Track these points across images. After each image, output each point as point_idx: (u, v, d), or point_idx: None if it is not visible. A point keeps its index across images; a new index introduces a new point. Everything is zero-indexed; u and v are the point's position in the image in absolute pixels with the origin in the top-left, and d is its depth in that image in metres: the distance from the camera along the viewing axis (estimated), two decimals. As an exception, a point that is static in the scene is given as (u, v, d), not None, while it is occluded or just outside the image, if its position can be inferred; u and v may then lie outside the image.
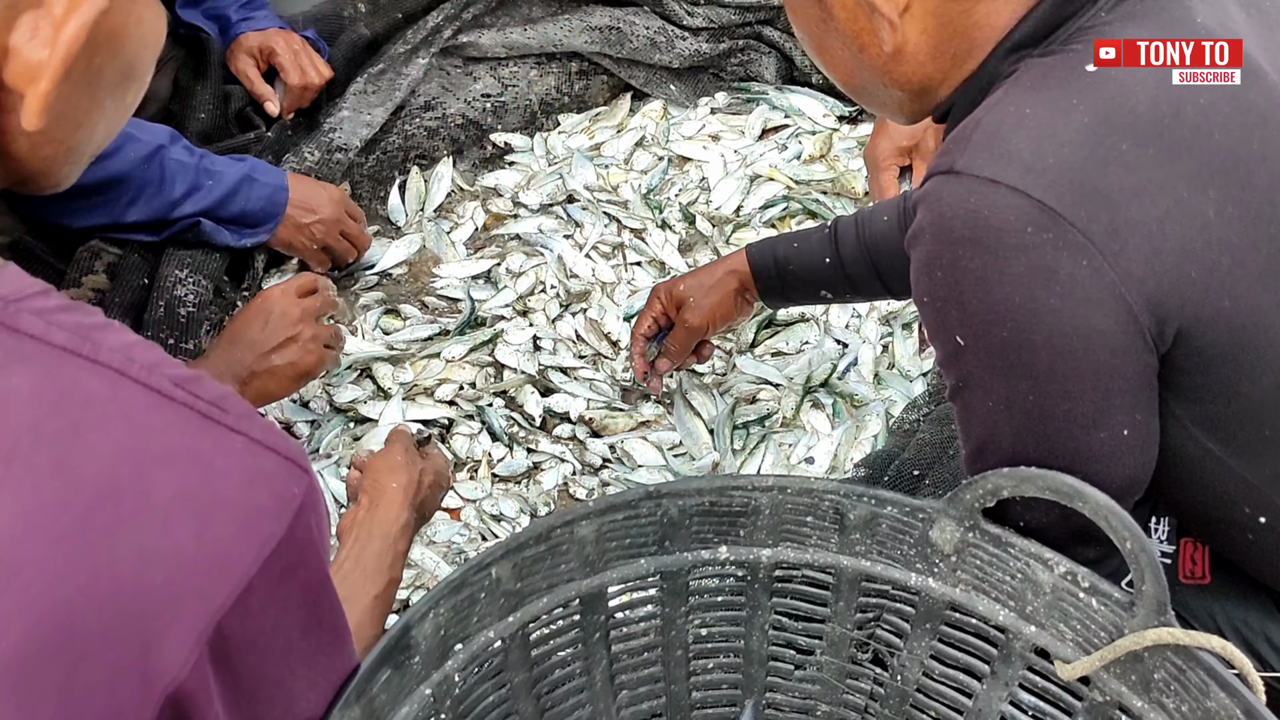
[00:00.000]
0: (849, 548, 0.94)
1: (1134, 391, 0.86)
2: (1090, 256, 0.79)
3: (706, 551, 0.95)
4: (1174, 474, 0.93)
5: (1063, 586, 0.86)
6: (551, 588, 0.91)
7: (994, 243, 0.80)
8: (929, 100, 0.95)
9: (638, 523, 0.92)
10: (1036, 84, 0.85)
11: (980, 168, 0.81)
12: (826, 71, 0.98)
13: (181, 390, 0.58)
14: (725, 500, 0.93)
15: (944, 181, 0.83)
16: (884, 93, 0.95)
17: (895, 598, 0.95)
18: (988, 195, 0.80)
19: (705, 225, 1.88)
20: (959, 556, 0.90)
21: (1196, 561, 1.08)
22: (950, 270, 0.83)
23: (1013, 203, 0.79)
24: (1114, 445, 0.86)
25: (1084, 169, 0.80)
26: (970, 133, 0.83)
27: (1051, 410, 0.85)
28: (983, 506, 0.87)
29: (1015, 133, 0.82)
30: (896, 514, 0.91)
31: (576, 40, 2.00)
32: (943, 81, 0.92)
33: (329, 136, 1.80)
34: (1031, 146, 0.81)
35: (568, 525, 0.89)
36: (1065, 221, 0.79)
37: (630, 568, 0.94)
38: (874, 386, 1.65)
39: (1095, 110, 0.82)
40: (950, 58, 0.90)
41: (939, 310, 0.86)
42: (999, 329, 0.82)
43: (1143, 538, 0.80)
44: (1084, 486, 0.81)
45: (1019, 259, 0.80)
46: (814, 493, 0.92)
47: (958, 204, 0.82)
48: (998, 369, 0.85)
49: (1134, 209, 0.80)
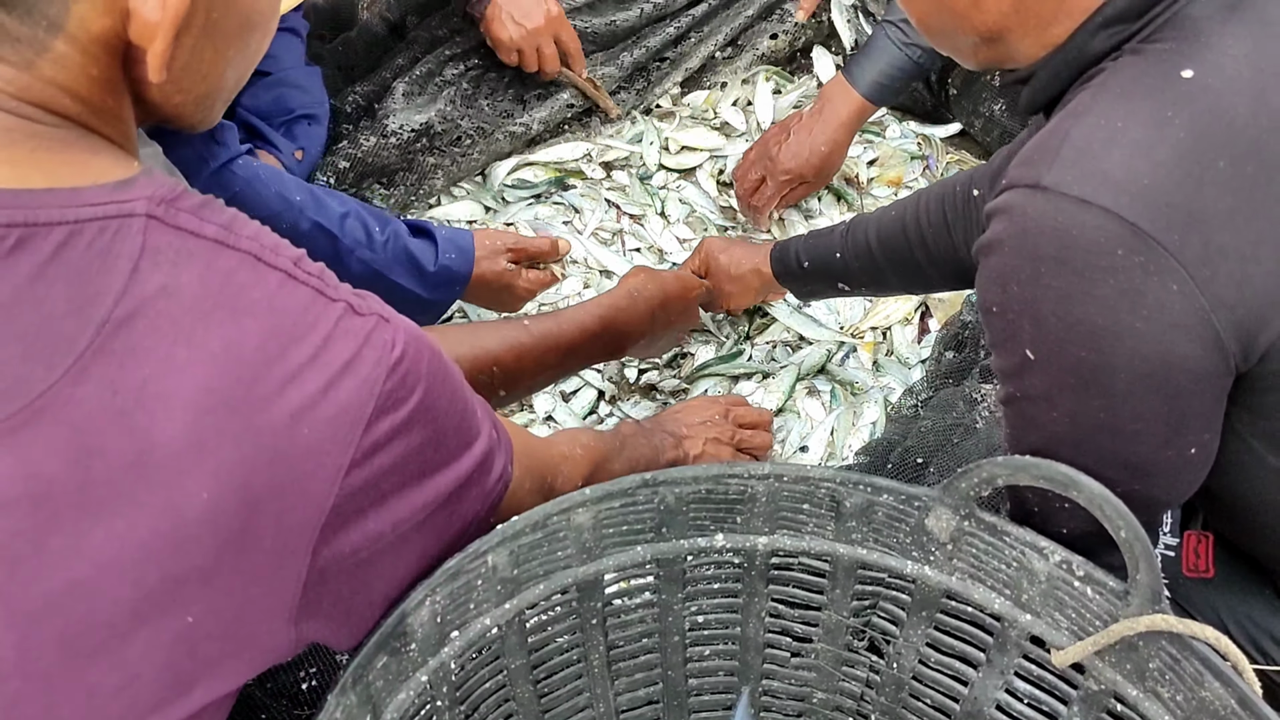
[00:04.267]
0: (845, 535, 0.94)
1: (1208, 414, 0.85)
2: (1181, 282, 0.77)
3: (703, 539, 0.95)
4: (1220, 478, 0.92)
5: (1058, 575, 0.86)
6: (548, 574, 0.91)
7: (1081, 263, 0.78)
8: (1001, 50, 0.92)
9: (635, 510, 0.92)
10: (1129, 91, 0.81)
11: (1070, 185, 0.78)
12: (903, 6, 0.96)
13: (298, 269, 0.68)
14: (722, 488, 0.93)
15: (1029, 196, 0.80)
16: (959, 38, 0.93)
17: (891, 586, 0.95)
18: (1077, 215, 0.77)
19: (707, 209, 1.88)
20: (955, 545, 0.90)
21: (1200, 555, 1.08)
22: (1029, 286, 0.81)
23: (1104, 224, 0.77)
24: (1179, 463, 0.86)
25: (1179, 190, 0.77)
26: (1058, 146, 0.80)
27: (1121, 429, 0.83)
28: (978, 495, 0.87)
29: (1108, 150, 0.79)
30: (892, 502, 0.91)
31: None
32: (1022, 36, 0.89)
33: (384, 123, 1.80)
34: (1125, 165, 0.78)
35: (565, 512, 0.89)
36: (1158, 245, 0.76)
37: (627, 555, 0.94)
38: (872, 373, 1.65)
39: (1192, 125, 0.79)
40: (1033, 15, 0.87)
41: (1010, 323, 0.84)
42: (1076, 348, 0.80)
43: (1137, 526, 0.79)
44: (1078, 475, 0.80)
45: (1107, 281, 0.77)
46: (810, 480, 0.92)
47: (1044, 221, 0.79)
48: (1069, 386, 0.83)
49: (1228, 232, 0.77)
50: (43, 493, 0.58)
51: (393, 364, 0.69)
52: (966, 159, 1.97)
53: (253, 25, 0.72)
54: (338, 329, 0.67)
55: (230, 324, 0.63)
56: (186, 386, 0.61)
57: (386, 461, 0.70)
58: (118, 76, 0.68)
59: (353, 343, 0.67)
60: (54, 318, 0.60)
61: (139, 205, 0.63)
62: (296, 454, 0.64)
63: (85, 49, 0.65)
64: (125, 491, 0.60)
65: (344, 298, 0.69)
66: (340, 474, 0.67)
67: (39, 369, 0.59)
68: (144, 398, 0.60)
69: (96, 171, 0.64)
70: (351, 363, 0.67)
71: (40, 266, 0.60)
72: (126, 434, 0.60)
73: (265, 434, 0.63)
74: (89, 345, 0.60)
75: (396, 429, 0.70)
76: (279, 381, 0.64)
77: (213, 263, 0.64)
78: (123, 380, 0.60)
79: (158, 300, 0.62)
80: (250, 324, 0.64)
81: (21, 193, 0.61)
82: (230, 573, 0.64)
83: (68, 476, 0.59)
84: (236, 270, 0.65)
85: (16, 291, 0.59)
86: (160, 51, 0.65)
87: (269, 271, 0.66)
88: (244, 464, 0.63)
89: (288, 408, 0.64)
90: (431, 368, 0.73)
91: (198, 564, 0.62)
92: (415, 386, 0.71)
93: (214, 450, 0.62)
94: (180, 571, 0.62)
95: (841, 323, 1.72)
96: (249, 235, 0.66)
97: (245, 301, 0.64)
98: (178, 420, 0.61)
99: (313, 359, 0.65)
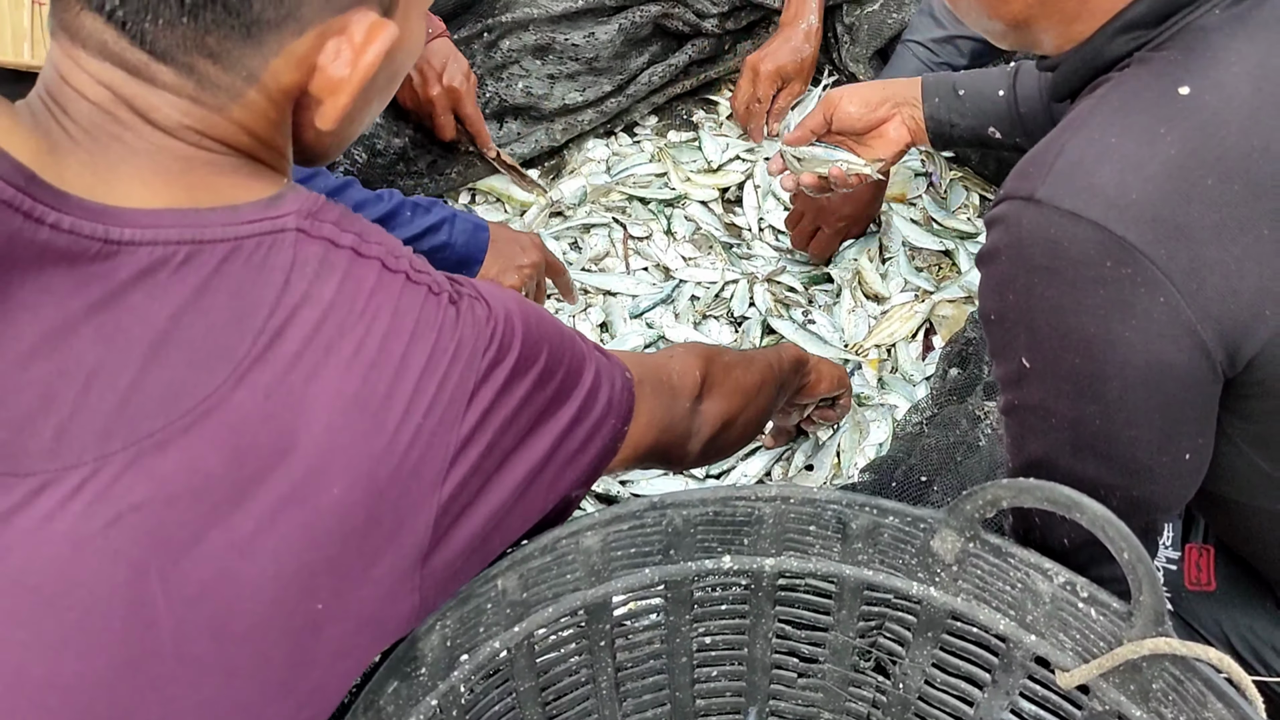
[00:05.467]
0: (851, 557, 0.95)
1: (1200, 419, 0.86)
2: (1168, 293, 0.79)
3: (710, 561, 0.96)
4: (1214, 484, 0.93)
5: (1062, 596, 0.87)
6: (557, 597, 0.92)
7: (1072, 274, 0.80)
8: (1027, 37, 0.95)
9: (643, 532, 0.93)
10: (1126, 105, 0.83)
11: (1062, 199, 0.80)
12: None
13: (413, 269, 0.74)
14: (729, 510, 0.94)
15: (1023, 208, 0.82)
16: (986, 22, 0.96)
17: (897, 606, 0.96)
18: (1068, 228, 0.80)
19: (712, 226, 1.89)
20: (960, 566, 0.91)
21: (1202, 568, 1.09)
22: (1024, 295, 0.83)
23: (1094, 237, 0.79)
24: (1175, 468, 0.87)
25: (1167, 205, 0.79)
26: (1053, 159, 0.82)
27: (1117, 435, 0.85)
28: (983, 517, 0.88)
29: (1100, 164, 0.81)
30: (898, 524, 0.92)
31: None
32: (1046, 28, 0.91)
33: (371, 141, 1.81)
34: (1116, 180, 0.80)
35: (573, 536, 0.90)
36: (1145, 258, 0.78)
37: (635, 577, 0.95)
38: (878, 390, 1.66)
39: (1183, 142, 0.80)
40: (1058, 10, 0.89)
41: (1007, 331, 0.86)
42: (1070, 355, 0.83)
43: (1139, 548, 0.80)
44: (1081, 497, 0.81)
45: (1096, 291, 0.80)
46: (816, 502, 0.93)
47: (1037, 232, 0.81)
48: (1065, 393, 0.85)
49: (1214, 247, 0.79)
50: (203, 487, 0.64)
51: (490, 335, 0.76)
52: (970, 177, 1.97)
53: (397, 77, 0.80)
54: (445, 319, 0.74)
55: (361, 328, 0.70)
56: (326, 390, 0.67)
57: (498, 420, 0.77)
58: (288, 120, 0.75)
59: (456, 328, 0.74)
60: (216, 327, 0.65)
61: (290, 220, 0.70)
62: (415, 443, 0.71)
63: (272, 97, 0.72)
64: (270, 487, 0.65)
65: (446, 289, 0.76)
66: (452, 450, 0.73)
67: (204, 375, 0.65)
68: (291, 401, 0.66)
69: (256, 189, 0.71)
70: (457, 348, 0.74)
71: (205, 280, 0.66)
72: (275, 434, 0.66)
73: (389, 429, 0.69)
74: (247, 354, 0.66)
75: (500, 389, 0.76)
76: (400, 378, 0.70)
77: (350, 271, 0.71)
78: (275, 385, 0.66)
79: (304, 309, 0.68)
80: (377, 327, 0.70)
81: (189, 212, 0.67)
82: (355, 557, 0.69)
83: (225, 473, 0.64)
84: (367, 277, 0.71)
85: (184, 303, 0.65)
86: (343, 105, 0.73)
87: (392, 277, 0.73)
88: (371, 459, 0.68)
89: (406, 400, 0.70)
90: (525, 317, 0.80)
91: (328, 554, 0.68)
92: (511, 344, 0.78)
93: (345, 448, 0.68)
94: (313, 561, 0.67)
95: (846, 340, 1.73)
96: (377, 242, 0.73)
97: (373, 306, 0.71)
98: (318, 421, 0.67)
99: (427, 352, 0.72)
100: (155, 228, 0.65)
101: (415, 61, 0.83)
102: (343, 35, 0.71)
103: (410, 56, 0.80)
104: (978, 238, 1.87)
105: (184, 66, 0.69)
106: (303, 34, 0.70)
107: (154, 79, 0.68)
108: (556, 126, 1.98)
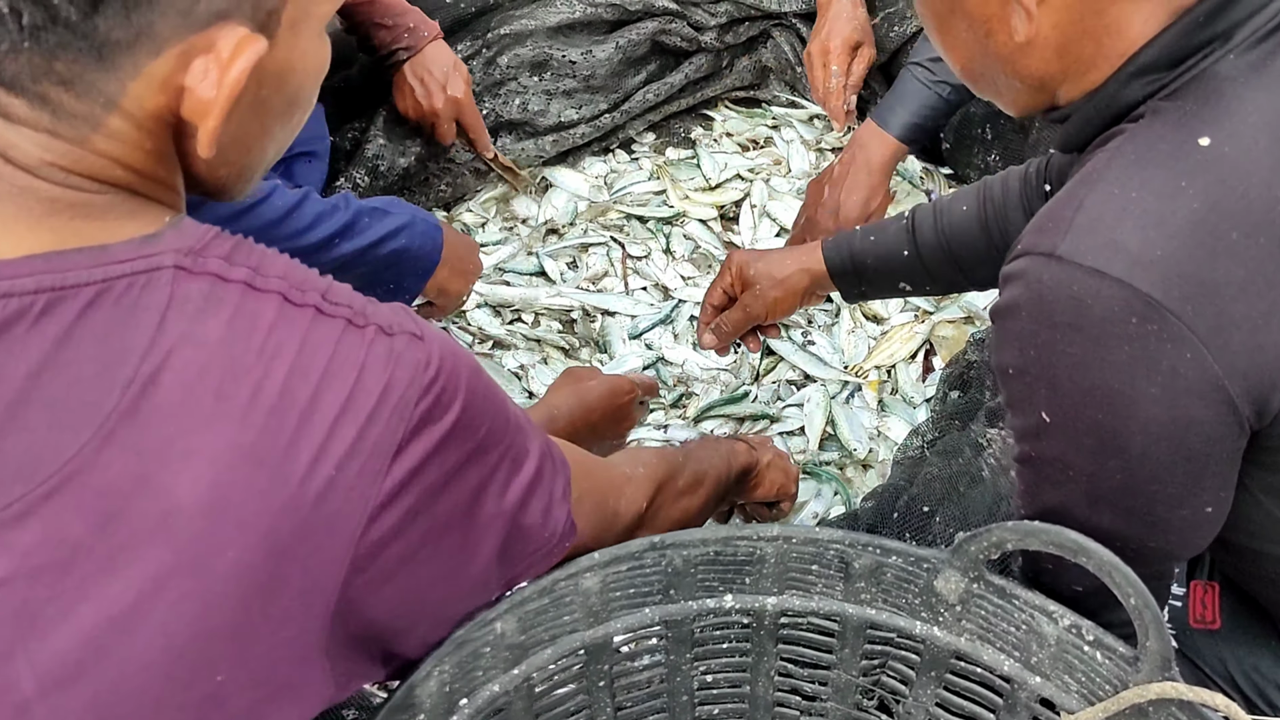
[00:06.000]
0: (854, 596, 0.94)
1: (1223, 473, 0.85)
2: (1194, 349, 0.78)
3: (712, 600, 0.95)
4: (1227, 530, 0.92)
5: (1067, 639, 0.86)
6: (555, 638, 0.91)
7: (1096, 330, 0.79)
8: (1044, 96, 0.92)
9: (642, 573, 0.92)
10: (1144, 158, 0.82)
11: (1084, 255, 0.79)
12: (944, 53, 0.96)
13: (327, 301, 0.67)
14: (730, 550, 0.93)
15: (1044, 264, 0.81)
16: (1002, 81, 0.93)
17: (900, 645, 0.95)
18: (1092, 285, 0.78)
19: (711, 245, 1.88)
20: (964, 606, 0.90)
21: (1207, 605, 1.08)
22: (1046, 351, 0.82)
23: (1118, 294, 0.78)
24: (1195, 520, 0.86)
25: (1192, 261, 0.78)
26: (1072, 215, 0.81)
27: (1138, 489, 0.84)
28: (987, 558, 0.87)
29: (1121, 220, 0.79)
30: (901, 564, 0.91)
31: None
32: (1063, 80, 0.89)
33: (374, 163, 1.81)
34: (1138, 236, 0.78)
35: (572, 578, 0.89)
36: (1171, 315, 0.77)
37: (635, 617, 0.94)
38: (877, 413, 1.64)
39: (1205, 195, 0.79)
40: (1075, 59, 0.87)
41: (1026, 385, 0.85)
42: (1093, 411, 0.81)
43: (1146, 594, 0.79)
44: (1088, 542, 0.81)
45: (1121, 347, 0.78)
46: (819, 542, 0.92)
47: (1059, 289, 0.80)
48: (1085, 447, 0.83)
49: (1240, 302, 0.78)
50: (69, 559, 0.59)
51: (427, 383, 0.68)
52: (969, 194, 1.97)
53: (298, 102, 0.73)
54: (370, 357, 0.66)
55: (259, 369, 0.63)
56: (214, 442, 0.61)
57: (425, 485, 0.69)
58: (170, 149, 0.69)
59: (385, 368, 0.66)
60: (80, 381, 0.60)
61: (166, 257, 0.63)
62: (327, 495, 0.64)
63: (140, 124, 0.66)
64: (151, 555, 0.60)
65: (374, 321, 0.68)
66: (371, 505, 0.66)
67: (66, 436, 0.59)
68: (168, 457, 0.60)
69: (132, 227, 0.65)
70: (385, 391, 0.66)
71: (67, 329, 0.60)
72: (150, 497, 0.60)
73: (294, 482, 0.63)
74: (114, 408, 0.60)
75: (432, 451, 0.69)
76: (309, 425, 0.63)
77: (242, 307, 0.64)
78: (146, 441, 0.60)
79: (183, 351, 0.61)
80: (278, 367, 0.63)
81: (52, 256, 0.61)
82: (260, 620, 0.63)
83: (94, 542, 0.59)
84: (263, 312, 0.64)
85: (44, 358, 0.59)
86: (212, 129, 0.66)
87: (298, 311, 0.65)
88: (271, 516, 0.62)
89: (315, 449, 0.63)
90: (471, 383, 0.72)
91: (227, 620, 0.62)
92: (451, 404, 0.70)
93: (239, 505, 0.61)
94: (210, 629, 0.61)
95: (846, 361, 1.72)
96: (278, 274, 0.66)
97: (273, 344, 0.63)
98: (202, 479, 0.60)
99: (345, 394, 0.65)
100: (11, 279, 0.60)
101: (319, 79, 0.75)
102: (210, 54, 0.64)
103: (309, 78, 0.73)
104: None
105: (36, 97, 0.63)
106: (160, 54, 0.63)
107: (6, 113, 0.64)
108: (546, 139, 1.98)
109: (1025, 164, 1.32)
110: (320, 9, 0.70)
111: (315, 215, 1.36)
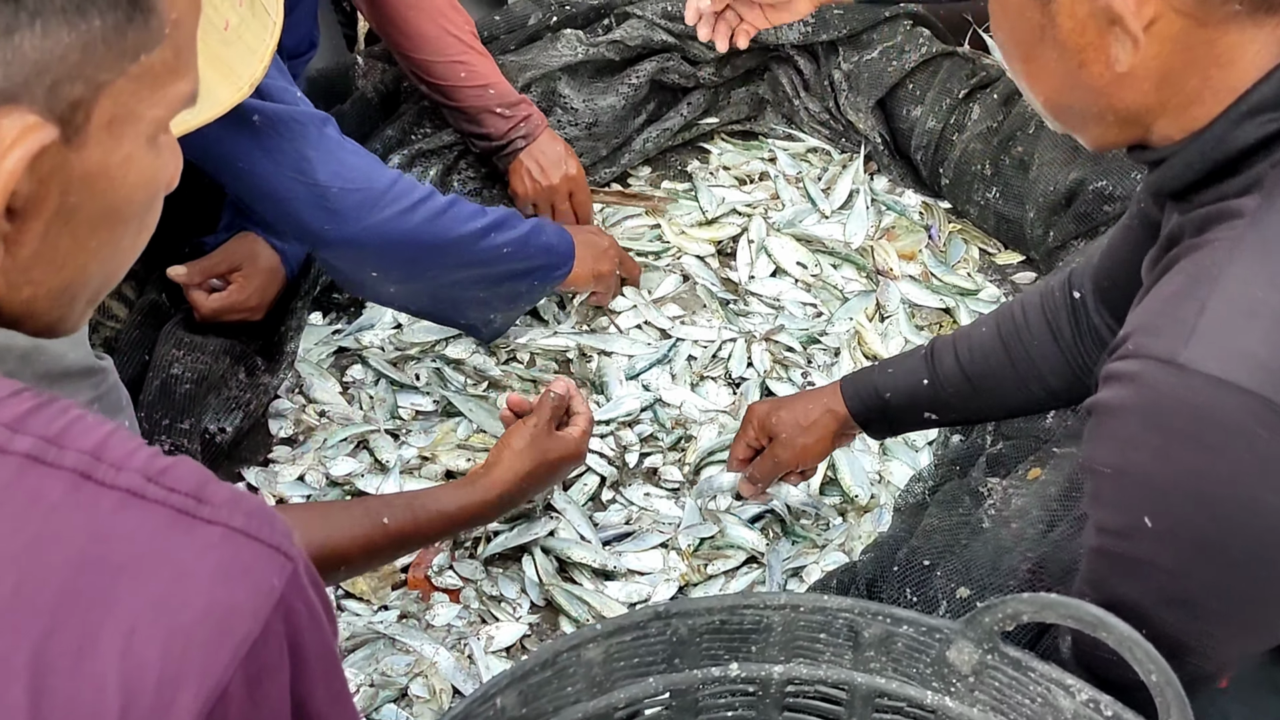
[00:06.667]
0: (863, 664, 0.92)
1: None
2: None
3: (717, 668, 0.93)
4: None
5: (1084, 714, 0.84)
6: (558, 710, 0.89)
7: (1217, 441, 0.75)
8: (1135, 130, 0.85)
9: (646, 642, 0.90)
10: (1269, 250, 0.77)
11: (1208, 363, 0.74)
12: (1025, 83, 0.88)
13: (153, 485, 0.53)
14: (736, 619, 0.91)
15: (1161, 370, 0.76)
16: (1092, 114, 0.85)
17: (910, 715, 0.93)
18: (1215, 394, 0.74)
19: (709, 281, 1.86)
20: (977, 678, 0.88)
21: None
22: (1157, 458, 0.78)
23: (1246, 404, 0.73)
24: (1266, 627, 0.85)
25: None
26: (1194, 319, 0.76)
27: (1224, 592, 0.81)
28: (1002, 630, 0.85)
29: (1249, 324, 0.75)
30: (912, 633, 0.89)
31: None
32: (1160, 114, 0.83)
33: None
34: (1267, 341, 0.74)
35: (574, 649, 0.87)
36: None
37: (638, 686, 0.92)
38: (878, 456, 1.62)
39: None
40: (1176, 92, 0.81)
41: (1125, 489, 0.81)
42: (1201, 519, 0.78)
43: (1168, 671, 0.78)
44: (1107, 616, 0.79)
45: (1243, 457, 0.74)
46: (827, 610, 0.90)
47: (1179, 397, 0.76)
48: (1182, 552, 0.80)
49: None
50: None
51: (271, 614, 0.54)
52: (969, 229, 1.96)
53: (123, 217, 0.62)
54: (206, 565, 0.53)
55: (27, 560, 0.50)
56: None
57: None
58: None
59: (226, 582, 0.53)
60: None
61: None
62: None
63: None
64: None
65: (222, 520, 0.54)
66: None
67: None
68: None
69: None
70: (208, 608, 0.52)
71: None
72: None
73: (64, 706, 0.49)
74: None
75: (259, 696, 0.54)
76: (92, 635, 0.50)
77: (15, 483, 0.51)
78: None
79: None
80: (56, 558, 0.51)
81: None
82: None
83: None
84: (46, 490, 0.52)
85: None
86: None
87: (99, 490, 0.52)
88: None
89: (99, 670, 0.50)
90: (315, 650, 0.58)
91: None
92: (277, 670, 0.55)
93: None
94: None
95: (846, 402, 1.70)
96: (82, 448, 0.53)
97: (51, 529, 0.51)
98: None
99: (149, 604, 0.51)
100: None
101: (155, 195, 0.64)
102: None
103: (138, 190, 0.61)
104: (978, 294, 1.84)
105: None
106: None
107: None
108: None
109: (1043, 281, 1.27)
110: (151, 112, 0.60)
111: (470, 211, 1.53)
